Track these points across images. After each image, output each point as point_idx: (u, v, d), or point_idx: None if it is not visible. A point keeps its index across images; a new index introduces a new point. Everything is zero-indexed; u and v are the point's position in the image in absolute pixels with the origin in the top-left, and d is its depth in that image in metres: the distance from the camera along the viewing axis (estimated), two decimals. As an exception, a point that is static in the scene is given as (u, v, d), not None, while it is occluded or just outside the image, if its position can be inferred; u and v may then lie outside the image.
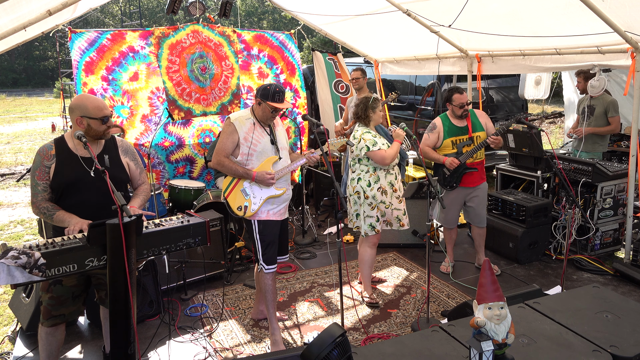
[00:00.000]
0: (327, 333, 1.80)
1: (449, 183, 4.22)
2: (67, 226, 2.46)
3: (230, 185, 3.28)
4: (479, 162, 4.22)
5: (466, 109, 4.13)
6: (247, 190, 3.26)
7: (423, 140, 4.29)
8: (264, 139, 3.24)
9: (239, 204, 3.25)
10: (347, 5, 5.59)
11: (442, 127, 4.20)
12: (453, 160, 4.10)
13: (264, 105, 3.16)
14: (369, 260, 3.98)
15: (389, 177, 3.81)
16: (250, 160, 3.22)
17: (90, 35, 5.23)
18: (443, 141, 4.19)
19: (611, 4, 3.71)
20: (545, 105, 16.42)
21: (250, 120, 3.23)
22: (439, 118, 4.29)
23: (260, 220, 3.27)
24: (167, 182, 5.51)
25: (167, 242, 2.42)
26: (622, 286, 4.17)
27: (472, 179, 4.21)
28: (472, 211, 4.36)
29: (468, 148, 4.14)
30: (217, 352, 3.32)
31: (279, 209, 3.34)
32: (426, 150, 4.24)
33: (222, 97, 5.98)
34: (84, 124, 2.56)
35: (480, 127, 4.20)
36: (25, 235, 5.96)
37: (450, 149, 4.20)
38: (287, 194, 3.35)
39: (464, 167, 4.14)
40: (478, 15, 4.67)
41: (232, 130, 3.18)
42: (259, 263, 3.34)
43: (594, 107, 5.28)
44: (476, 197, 4.29)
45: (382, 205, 3.80)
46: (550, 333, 2.04)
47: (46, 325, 2.64)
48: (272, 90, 3.14)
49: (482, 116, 4.27)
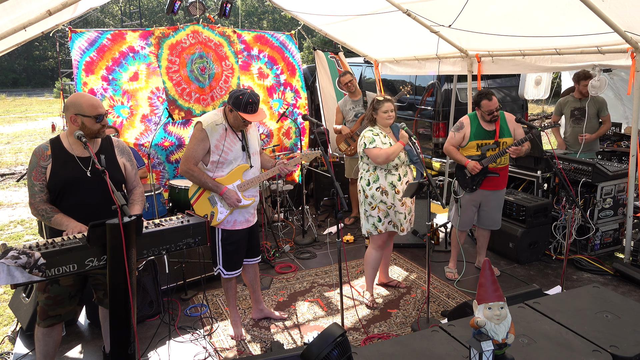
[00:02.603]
0: (327, 333, 1.80)
1: (469, 185, 4.13)
2: (64, 229, 2.46)
3: (197, 193, 3.20)
4: (502, 168, 4.12)
5: (495, 115, 4.00)
6: (215, 198, 3.18)
7: (448, 139, 4.20)
8: (236, 146, 3.14)
9: (205, 212, 3.17)
10: (347, 6, 5.58)
11: (469, 127, 4.09)
12: (475, 165, 4.01)
13: (235, 113, 3.05)
14: (371, 262, 3.95)
15: (390, 177, 3.71)
16: (220, 168, 3.13)
17: (90, 35, 5.23)
18: (468, 142, 4.10)
19: (611, 4, 3.71)
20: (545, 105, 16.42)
21: (222, 125, 3.11)
22: (467, 117, 4.16)
23: (225, 229, 3.22)
24: (167, 182, 5.51)
25: (167, 242, 2.41)
26: (622, 286, 4.17)
27: (493, 183, 4.12)
28: (485, 214, 4.26)
29: (492, 152, 4.02)
30: (217, 352, 3.32)
31: (247, 217, 3.29)
32: (450, 150, 4.17)
33: (223, 96, 5.98)
34: (78, 122, 2.56)
35: (508, 133, 4.08)
36: (25, 235, 5.96)
37: (474, 151, 4.10)
38: (255, 202, 3.30)
39: (485, 171, 4.06)
40: (478, 16, 4.67)
41: (204, 137, 3.06)
42: (215, 267, 3.32)
43: (585, 109, 5.28)
44: (493, 201, 4.20)
45: (383, 206, 3.72)
46: (550, 333, 2.04)
47: (43, 326, 2.63)
48: (245, 100, 2.98)
49: (511, 122, 4.12)
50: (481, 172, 4.06)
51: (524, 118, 7.66)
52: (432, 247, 5.03)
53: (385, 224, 3.78)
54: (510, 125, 4.12)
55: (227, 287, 3.46)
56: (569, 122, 5.50)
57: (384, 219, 3.76)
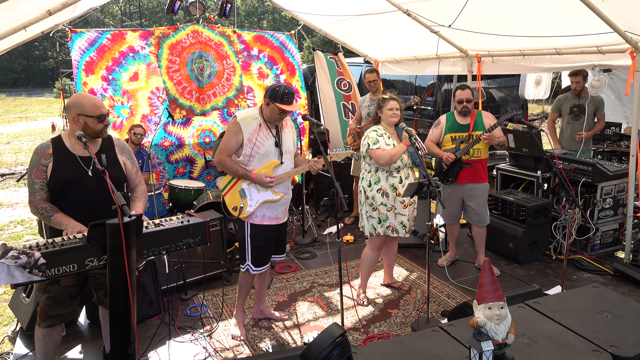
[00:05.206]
0: (327, 333, 1.80)
1: (446, 177, 4.36)
2: (64, 229, 2.45)
3: (229, 185, 3.28)
4: (477, 160, 4.27)
5: (465, 106, 4.22)
6: (245, 191, 3.25)
7: (428, 136, 4.46)
8: (268, 142, 3.22)
9: (235, 204, 3.25)
10: (347, 5, 5.59)
11: (445, 123, 4.35)
12: (449, 155, 4.23)
13: (272, 106, 3.15)
14: (367, 262, 3.96)
15: (391, 179, 3.69)
16: (252, 161, 3.21)
17: (90, 35, 5.23)
18: (444, 136, 4.34)
19: (611, 4, 3.71)
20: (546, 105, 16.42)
21: (257, 120, 3.21)
22: (444, 115, 4.44)
23: (253, 223, 3.27)
24: (167, 182, 5.52)
25: (167, 242, 2.42)
26: (622, 286, 4.17)
27: (469, 175, 4.30)
28: (471, 211, 4.41)
29: (465, 144, 4.23)
30: (217, 352, 3.32)
31: (276, 213, 3.33)
32: (429, 145, 4.40)
33: (226, 92, 5.99)
34: (80, 122, 2.56)
35: (482, 127, 4.25)
36: (25, 235, 5.96)
37: (450, 145, 4.33)
38: (285, 198, 3.34)
39: (460, 162, 4.25)
40: (478, 16, 4.67)
41: (237, 130, 3.17)
42: (244, 263, 3.36)
43: (584, 107, 5.30)
44: (475, 197, 4.34)
45: (383, 208, 3.70)
46: (550, 333, 2.04)
47: (43, 326, 2.63)
48: (281, 91, 3.11)
49: (487, 117, 4.32)
50: (455, 164, 4.26)
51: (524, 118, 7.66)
52: (432, 247, 5.03)
53: (384, 227, 3.76)
54: (485, 120, 4.30)
55: (245, 283, 3.47)
56: (566, 118, 5.52)
57: (383, 222, 3.75)
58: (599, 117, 5.38)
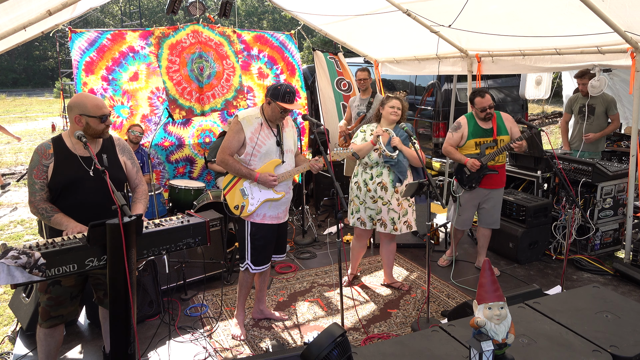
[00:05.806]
0: (327, 333, 1.80)
1: (469, 183, 4.19)
2: (64, 229, 2.45)
3: (230, 184, 3.29)
4: (500, 165, 4.18)
5: (489, 112, 4.06)
6: (246, 190, 3.26)
7: (446, 139, 4.27)
8: (270, 141, 3.23)
9: (237, 202, 3.26)
10: (347, 5, 5.58)
11: (466, 127, 4.16)
12: (474, 162, 4.05)
13: (273, 105, 3.16)
14: (352, 249, 4.24)
15: (364, 175, 3.91)
16: (253, 160, 3.23)
17: (90, 35, 5.23)
18: (466, 141, 4.16)
19: (611, 4, 3.71)
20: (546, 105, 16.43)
21: (259, 120, 3.23)
22: (464, 117, 4.23)
23: (254, 222, 3.28)
24: (167, 182, 5.52)
25: (167, 242, 2.41)
26: (622, 286, 4.17)
27: (492, 182, 4.17)
28: (485, 213, 4.31)
29: (491, 150, 4.08)
30: (217, 352, 3.32)
31: (277, 212, 3.34)
32: (449, 150, 4.23)
33: (225, 94, 5.99)
34: (82, 122, 2.55)
35: (505, 131, 4.14)
36: (25, 235, 5.96)
37: (472, 150, 4.15)
38: (286, 198, 3.35)
39: (485, 169, 4.10)
40: (478, 16, 4.67)
41: (239, 129, 3.19)
42: (243, 262, 3.37)
43: (594, 107, 5.28)
44: (492, 199, 4.26)
45: (357, 200, 3.95)
46: (550, 333, 2.04)
47: (44, 327, 2.63)
48: (283, 90, 3.13)
49: (507, 120, 4.19)
50: (480, 170, 4.09)
51: (524, 118, 7.67)
52: (432, 247, 5.03)
53: (355, 218, 3.99)
54: (506, 123, 4.18)
55: (245, 282, 3.48)
56: (576, 118, 5.51)
57: (355, 213, 3.99)
58: (612, 117, 5.28)
